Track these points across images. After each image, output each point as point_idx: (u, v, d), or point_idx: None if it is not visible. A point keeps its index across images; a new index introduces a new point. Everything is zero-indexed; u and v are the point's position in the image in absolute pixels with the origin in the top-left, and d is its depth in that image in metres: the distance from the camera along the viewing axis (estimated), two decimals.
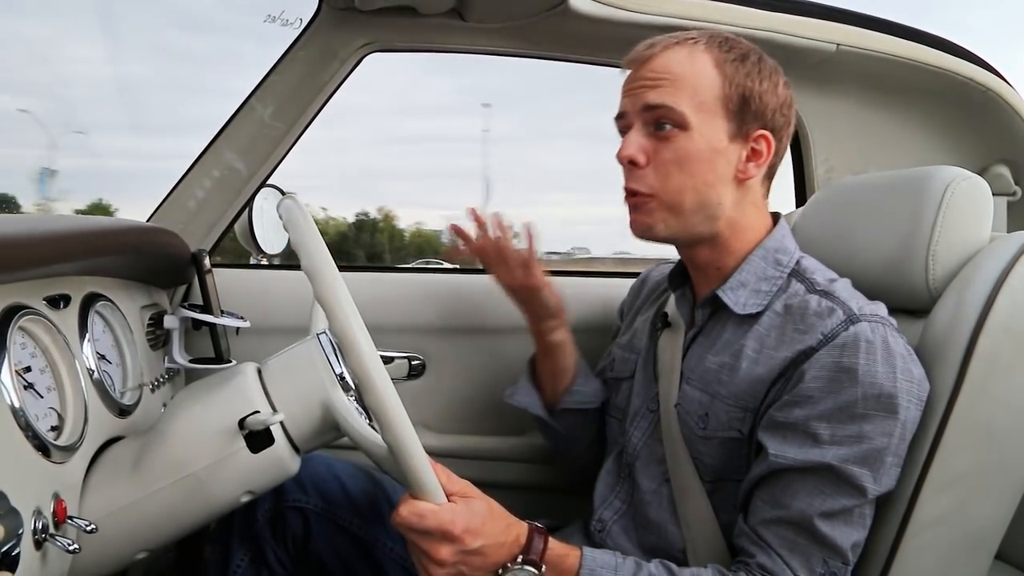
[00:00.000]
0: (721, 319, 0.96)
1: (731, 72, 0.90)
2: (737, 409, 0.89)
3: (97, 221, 1.04)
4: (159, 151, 52.73)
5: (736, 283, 0.94)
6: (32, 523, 0.70)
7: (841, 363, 0.82)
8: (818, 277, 0.93)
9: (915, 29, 1.38)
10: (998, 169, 1.47)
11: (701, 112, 0.89)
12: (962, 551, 0.92)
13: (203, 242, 1.37)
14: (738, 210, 0.94)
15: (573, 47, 1.42)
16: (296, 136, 1.38)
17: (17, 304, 0.79)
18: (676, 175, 0.91)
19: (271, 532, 1.06)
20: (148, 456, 0.86)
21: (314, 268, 0.73)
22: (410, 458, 0.74)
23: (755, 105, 0.90)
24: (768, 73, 0.92)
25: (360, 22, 1.32)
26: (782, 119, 0.93)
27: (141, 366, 1.08)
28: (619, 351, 1.15)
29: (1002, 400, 0.88)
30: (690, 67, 0.90)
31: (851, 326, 0.84)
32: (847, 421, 0.81)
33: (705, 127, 0.90)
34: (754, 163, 0.93)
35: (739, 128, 0.91)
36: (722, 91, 0.90)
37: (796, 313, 0.89)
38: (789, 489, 0.83)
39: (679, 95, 0.89)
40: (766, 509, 0.85)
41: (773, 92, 0.92)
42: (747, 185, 0.94)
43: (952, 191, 0.94)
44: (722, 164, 0.91)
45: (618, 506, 1.03)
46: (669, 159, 0.91)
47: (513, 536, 0.82)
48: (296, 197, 0.81)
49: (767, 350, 0.89)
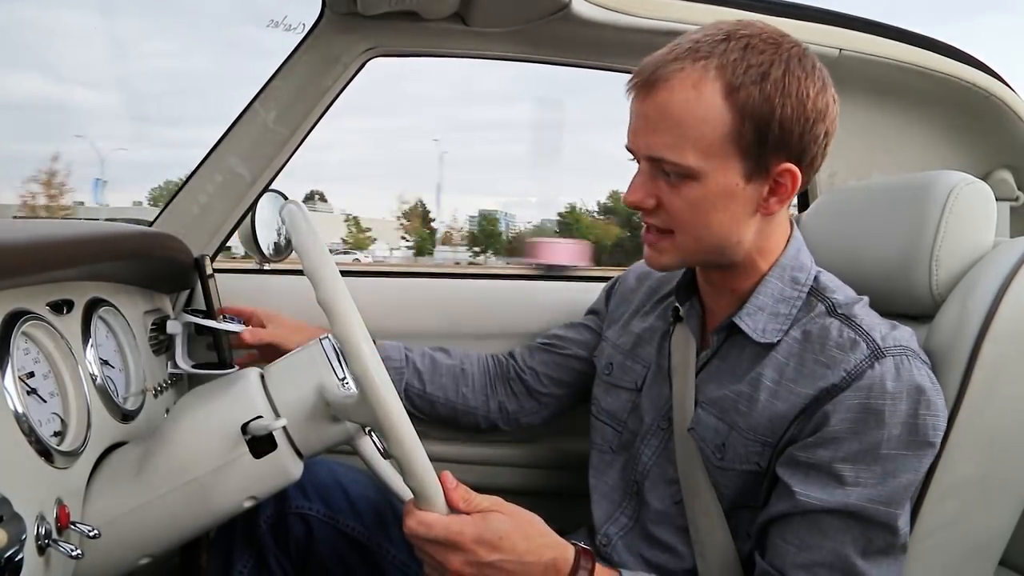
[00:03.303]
0: (737, 343, 0.92)
1: (743, 101, 0.79)
2: (756, 443, 0.87)
3: (100, 227, 1.04)
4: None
5: (753, 308, 0.90)
6: (35, 528, 0.70)
7: (868, 405, 0.79)
8: (839, 297, 0.88)
9: (918, 34, 1.38)
10: (1001, 174, 1.47)
11: (710, 159, 0.81)
12: (966, 557, 0.92)
13: (206, 247, 1.37)
14: (762, 237, 0.89)
15: (576, 52, 1.42)
16: (299, 141, 1.38)
17: (20, 309, 0.79)
18: (690, 221, 0.85)
19: (273, 538, 1.06)
20: (151, 461, 0.86)
21: (315, 271, 0.73)
22: (411, 464, 0.74)
23: (774, 135, 0.80)
24: (794, 89, 0.79)
25: (363, 27, 1.32)
26: (812, 140, 0.82)
27: (144, 371, 1.08)
28: (617, 355, 1.10)
29: (1006, 406, 0.88)
30: (696, 106, 0.79)
31: (875, 363, 0.80)
32: (872, 462, 0.79)
33: (717, 173, 0.81)
34: (776, 198, 0.85)
35: (757, 164, 0.82)
36: (733, 127, 0.79)
37: (816, 342, 0.85)
38: (818, 529, 0.80)
39: (683, 146, 0.80)
40: (794, 552, 0.81)
41: (800, 111, 0.80)
42: (772, 215, 0.88)
43: (955, 196, 0.93)
44: (739, 206, 0.84)
45: (624, 522, 1.01)
46: (681, 206, 0.84)
47: (549, 558, 0.80)
48: (299, 202, 0.82)
49: (787, 382, 0.85)
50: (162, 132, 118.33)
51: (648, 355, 1.05)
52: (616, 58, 1.43)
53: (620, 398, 1.07)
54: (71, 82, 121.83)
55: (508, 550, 0.77)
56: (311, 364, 0.90)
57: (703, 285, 0.99)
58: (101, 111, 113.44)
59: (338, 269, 0.75)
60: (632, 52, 1.40)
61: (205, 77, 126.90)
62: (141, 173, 79.41)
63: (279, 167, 1.38)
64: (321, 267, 0.74)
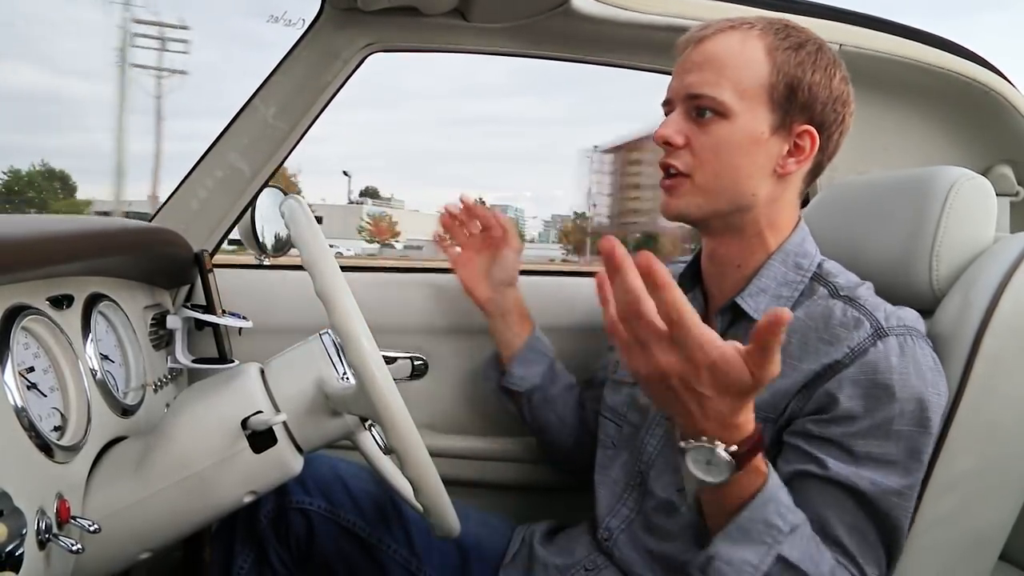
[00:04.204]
0: (741, 327, 0.93)
1: (781, 60, 0.87)
2: (758, 420, 0.87)
3: (100, 222, 1.04)
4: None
5: (756, 289, 0.92)
6: (35, 523, 0.70)
7: (876, 380, 0.80)
8: (841, 280, 0.90)
9: (918, 30, 1.38)
10: (1001, 170, 1.47)
11: (744, 100, 0.87)
12: (966, 551, 0.92)
13: (206, 242, 1.37)
14: (774, 206, 0.91)
15: (576, 47, 1.42)
16: (299, 136, 1.38)
17: (20, 304, 0.79)
18: (712, 161, 0.88)
19: (274, 533, 1.06)
20: (151, 456, 0.86)
21: (313, 263, 0.73)
22: (409, 454, 0.74)
23: (802, 97, 0.87)
24: (824, 65, 0.88)
25: (362, 22, 1.32)
26: (833, 115, 0.89)
27: (144, 366, 1.08)
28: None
29: (1007, 400, 0.88)
30: (740, 53, 0.87)
31: (879, 340, 0.81)
32: (884, 439, 0.79)
33: (747, 116, 0.87)
34: (795, 159, 0.89)
35: (783, 120, 0.88)
36: (768, 79, 0.87)
37: (819, 320, 0.86)
38: (820, 498, 0.80)
39: (722, 83, 0.87)
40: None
41: (826, 85, 0.88)
42: (787, 180, 0.91)
43: (956, 191, 0.93)
44: (762, 156, 0.88)
45: (626, 514, 1.01)
46: (707, 145, 0.88)
47: (740, 419, 0.69)
48: (299, 197, 0.82)
49: (789, 360, 0.85)
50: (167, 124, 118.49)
51: None
52: (617, 53, 1.42)
53: (621, 392, 1.08)
54: (69, 74, 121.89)
55: (722, 405, 0.67)
56: (311, 359, 0.90)
57: (707, 267, 1.00)
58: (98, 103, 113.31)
59: (337, 263, 0.76)
60: (632, 47, 1.40)
61: (206, 69, 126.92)
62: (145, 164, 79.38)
63: (279, 163, 1.38)
64: (320, 260, 0.74)
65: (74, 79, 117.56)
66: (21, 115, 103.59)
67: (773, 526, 0.73)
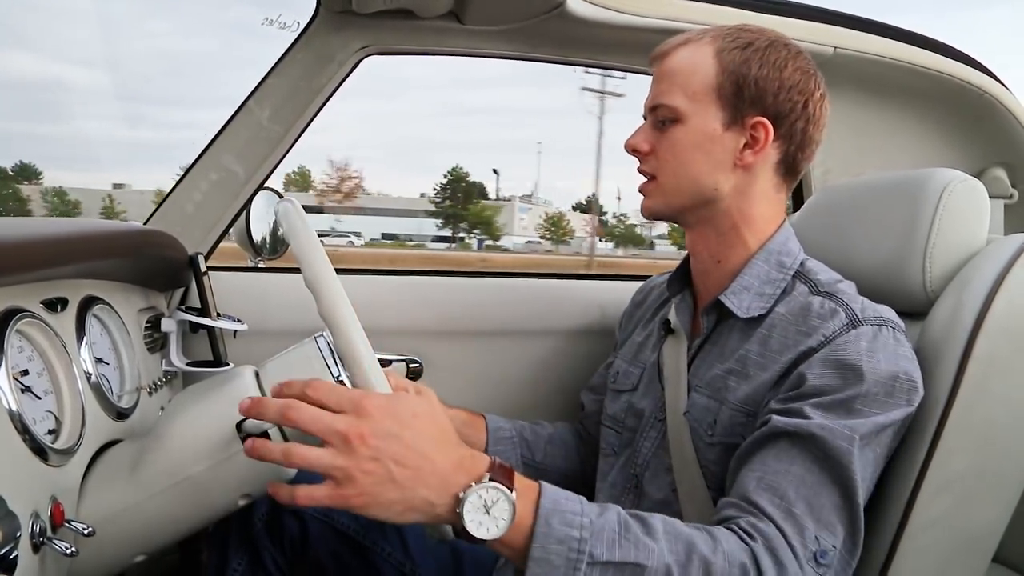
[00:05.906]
0: (727, 326, 0.96)
1: (727, 60, 0.92)
2: (741, 415, 0.89)
3: (94, 224, 1.04)
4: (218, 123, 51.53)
5: (739, 287, 0.94)
6: (29, 526, 0.70)
7: (844, 360, 0.81)
8: (822, 277, 0.93)
9: (913, 32, 1.39)
10: (995, 172, 1.48)
11: (694, 102, 0.92)
12: (960, 553, 0.92)
13: (200, 245, 1.36)
14: (742, 198, 0.95)
15: (571, 50, 1.42)
16: (294, 139, 1.38)
17: (14, 307, 0.79)
18: (672, 161, 0.95)
19: (268, 536, 1.06)
20: (146, 459, 0.85)
21: (315, 281, 0.74)
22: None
23: (749, 91, 0.91)
24: (772, 59, 0.92)
25: (357, 25, 1.32)
26: (788, 104, 0.92)
27: (139, 369, 1.08)
28: (623, 364, 1.14)
29: (1000, 402, 0.88)
30: (689, 62, 0.93)
31: (852, 329, 0.83)
32: (845, 414, 0.79)
33: (698, 116, 0.93)
34: (751, 150, 0.93)
35: (735, 115, 0.92)
36: (716, 80, 0.92)
37: (799, 315, 0.88)
38: (770, 453, 0.80)
39: (674, 91, 0.93)
40: (757, 477, 0.79)
41: (775, 77, 0.91)
42: (752, 172, 0.94)
43: (949, 194, 0.94)
44: (718, 151, 0.93)
45: None
46: (667, 147, 0.95)
47: (458, 456, 0.71)
48: (294, 200, 0.82)
49: (771, 353, 0.88)
50: (160, 113, 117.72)
51: (646, 358, 1.10)
52: (612, 56, 1.43)
53: (619, 400, 1.10)
54: (65, 61, 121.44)
55: (418, 430, 0.69)
56: (306, 362, 0.90)
57: (693, 267, 1.03)
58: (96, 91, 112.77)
59: (335, 270, 0.76)
60: (628, 50, 1.41)
61: (204, 58, 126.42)
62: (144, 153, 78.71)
63: (274, 165, 1.38)
64: (320, 275, 0.74)
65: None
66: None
67: (568, 539, 0.70)
